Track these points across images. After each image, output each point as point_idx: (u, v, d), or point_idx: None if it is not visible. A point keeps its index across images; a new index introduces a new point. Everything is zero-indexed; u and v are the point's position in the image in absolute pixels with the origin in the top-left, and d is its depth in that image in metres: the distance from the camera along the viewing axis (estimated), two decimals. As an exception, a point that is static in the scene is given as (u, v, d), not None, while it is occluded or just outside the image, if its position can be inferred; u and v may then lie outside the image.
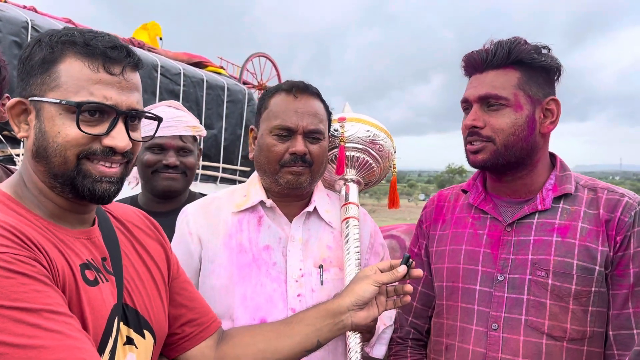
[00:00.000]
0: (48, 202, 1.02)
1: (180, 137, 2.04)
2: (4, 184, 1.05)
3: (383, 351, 1.61)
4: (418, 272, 1.30)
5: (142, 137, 1.08)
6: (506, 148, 1.38)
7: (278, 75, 9.30)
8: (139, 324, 1.11)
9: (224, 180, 6.51)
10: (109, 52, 0.98)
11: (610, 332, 1.33)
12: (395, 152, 1.77)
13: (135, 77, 1.03)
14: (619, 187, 1.43)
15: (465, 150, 1.46)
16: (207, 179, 6.35)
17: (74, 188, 0.99)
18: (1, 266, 0.83)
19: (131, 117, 1.02)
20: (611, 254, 1.32)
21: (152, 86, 5.50)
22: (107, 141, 0.99)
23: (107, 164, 1.01)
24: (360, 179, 1.73)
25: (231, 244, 1.56)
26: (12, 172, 1.82)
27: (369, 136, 1.69)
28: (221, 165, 6.42)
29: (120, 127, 1.00)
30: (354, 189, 1.69)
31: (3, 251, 0.84)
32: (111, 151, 1.00)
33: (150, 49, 6.23)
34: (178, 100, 5.72)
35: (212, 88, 6.29)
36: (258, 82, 8.81)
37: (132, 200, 2.13)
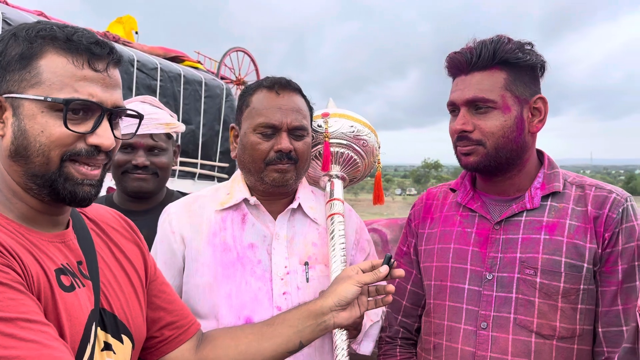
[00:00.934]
0: (20, 204, 0.98)
1: (151, 136, 1.96)
2: None
3: (370, 348, 1.60)
4: (400, 272, 1.30)
5: (122, 135, 1.05)
6: (497, 150, 1.37)
7: (256, 70, 9.22)
8: (117, 328, 1.07)
9: (202, 177, 6.43)
10: (93, 48, 0.94)
11: (600, 329, 1.33)
12: (379, 148, 1.76)
13: (118, 74, 1.01)
14: (607, 183, 1.43)
15: (456, 152, 1.45)
16: (184, 175, 6.27)
17: (54, 190, 0.95)
18: None
19: (114, 115, 0.99)
20: (599, 250, 1.32)
21: (129, 81, 5.40)
22: (93, 139, 0.95)
23: (90, 166, 0.97)
24: (345, 175, 1.72)
25: (215, 242, 1.54)
26: None
27: (353, 132, 1.69)
28: (199, 161, 6.35)
29: (105, 124, 0.97)
30: (338, 185, 1.69)
31: None
32: (96, 151, 0.97)
33: (125, 43, 6.11)
34: (155, 95, 5.63)
35: (190, 83, 6.20)
36: (236, 77, 8.72)
37: (107, 199, 2.06)
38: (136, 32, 7.11)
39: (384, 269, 1.27)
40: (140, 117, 1.08)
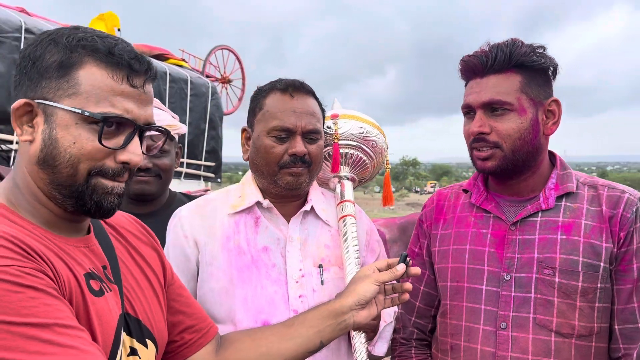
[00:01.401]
0: (44, 210, 0.97)
1: (152, 138, 1.95)
2: None
3: (385, 349, 1.61)
4: (416, 269, 1.31)
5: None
6: (514, 153, 1.38)
7: (241, 68, 9.15)
8: (142, 333, 1.07)
9: (188, 176, 6.38)
10: (133, 64, 0.94)
11: (616, 327, 1.35)
12: (387, 148, 1.77)
13: (152, 90, 1.00)
14: (617, 183, 1.46)
15: (472, 156, 1.45)
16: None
17: (80, 201, 0.94)
18: (8, 280, 0.77)
19: (144, 131, 0.99)
20: (615, 249, 1.35)
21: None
22: (124, 156, 0.95)
23: (116, 182, 0.97)
24: (355, 176, 1.73)
25: (229, 246, 1.53)
26: None
27: (363, 133, 1.69)
28: (185, 160, 6.29)
29: (136, 141, 0.96)
30: (349, 186, 1.69)
31: (8, 264, 0.79)
32: (122, 170, 0.96)
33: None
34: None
35: (175, 81, 6.13)
36: (221, 75, 8.65)
37: None
38: (119, 29, 6.99)
39: (401, 267, 1.28)
40: (167, 133, 1.08)
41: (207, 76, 7.76)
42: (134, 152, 0.96)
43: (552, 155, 1.51)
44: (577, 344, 1.34)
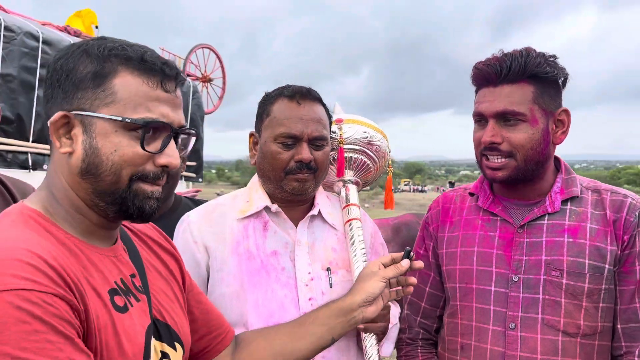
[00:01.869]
0: (82, 219, 0.97)
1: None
2: (31, 200, 0.98)
3: (391, 349, 1.64)
4: (419, 263, 1.35)
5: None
6: (526, 163, 1.42)
7: (222, 67, 9.08)
8: (171, 337, 1.09)
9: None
10: (165, 69, 0.96)
11: (619, 326, 1.41)
12: (390, 152, 1.81)
13: (181, 94, 1.03)
14: (619, 187, 1.52)
15: (482, 164, 1.49)
16: None
17: (123, 207, 0.96)
18: (20, 307, 0.75)
19: (178, 135, 1.01)
20: (619, 252, 1.41)
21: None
22: (162, 159, 0.96)
23: (156, 186, 0.98)
24: (359, 180, 1.76)
25: (239, 251, 1.55)
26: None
27: (367, 137, 1.72)
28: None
29: (172, 144, 0.98)
30: (353, 190, 1.72)
31: (30, 288, 0.77)
32: (162, 173, 0.98)
33: (85, 38, 5.90)
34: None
35: (155, 80, 6.07)
36: (202, 74, 8.58)
37: None
38: (96, 27, 6.88)
39: (406, 263, 1.32)
40: (196, 135, 1.09)
41: (188, 75, 7.69)
42: (172, 155, 0.98)
43: (556, 160, 1.55)
44: (582, 343, 1.40)
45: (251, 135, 1.65)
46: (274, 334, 1.32)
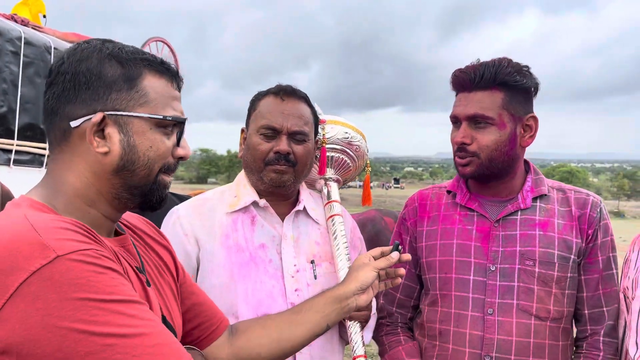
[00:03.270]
0: (94, 212, 1.01)
1: None
2: (32, 195, 1.00)
3: (370, 337, 1.76)
4: (407, 256, 1.46)
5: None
6: (490, 161, 1.56)
7: (176, 61, 8.90)
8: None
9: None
10: (173, 71, 1.05)
11: (586, 311, 1.59)
12: (368, 152, 1.92)
13: None
14: (580, 187, 1.71)
15: (455, 162, 1.63)
16: None
17: (148, 197, 1.03)
18: (91, 262, 0.83)
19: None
20: (583, 245, 1.58)
21: (46, 69, 5.05)
22: (180, 151, 1.05)
23: (171, 176, 1.07)
24: (340, 178, 1.86)
25: (229, 244, 1.61)
26: None
27: (347, 138, 1.82)
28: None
29: (184, 138, 1.07)
30: (334, 187, 1.82)
31: (87, 247, 0.85)
32: (177, 163, 1.06)
33: (35, 28, 5.66)
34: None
35: (109, 73, 5.91)
36: (155, 68, 8.35)
37: None
38: (44, 16, 6.60)
39: (395, 255, 1.43)
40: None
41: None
42: (186, 147, 1.07)
43: (526, 163, 1.72)
44: (551, 326, 1.56)
45: (242, 131, 1.75)
46: (271, 321, 1.38)
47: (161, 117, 1.00)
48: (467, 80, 1.57)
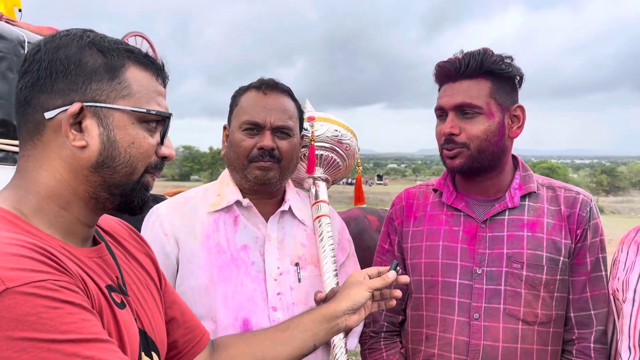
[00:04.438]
0: (68, 216, 0.92)
1: None
2: (0, 198, 0.90)
3: (355, 343, 1.69)
4: (404, 278, 1.35)
5: None
6: (479, 152, 1.50)
7: (155, 56, 8.72)
8: (148, 345, 1.04)
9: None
10: (158, 65, 0.98)
11: (572, 314, 1.53)
12: (359, 150, 1.84)
13: None
14: (571, 185, 1.64)
15: (442, 155, 1.56)
16: None
17: (129, 198, 0.95)
18: (46, 295, 0.74)
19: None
20: (572, 245, 1.52)
21: (19, 64, 4.87)
22: (164, 151, 0.98)
23: (155, 176, 0.99)
24: (329, 177, 1.78)
25: (209, 244, 1.54)
26: None
27: (337, 136, 1.75)
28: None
29: (167, 137, 0.99)
30: (323, 187, 1.74)
31: (44, 278, 0.75)
32: (162, 163, 0.98)
33: (9, 21, 5.48)
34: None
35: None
36: (135, 63, 8.18)
37: None
38: (19, 10, 6.41)
39: (392, 275, 1.32)
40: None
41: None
42: (170, 147, 0.99)
43: (514, 158, 1.65)
44: (539, 330, 1.50)
45: (224, 128, 1.66)
46: (255, 338, 1.29)
47: (144, 110, 0.92)
48: (452, 70, 1.51)
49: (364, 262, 1.79)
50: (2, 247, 0.77)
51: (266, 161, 1.54)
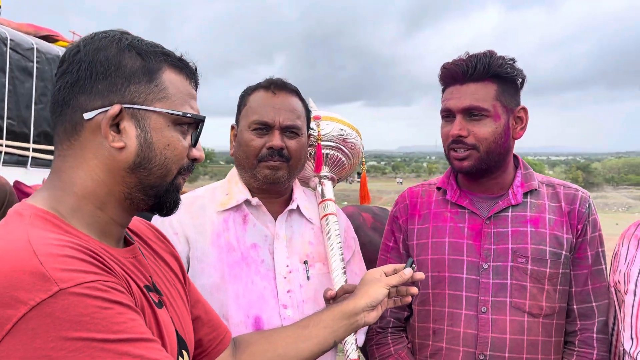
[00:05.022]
0: (104, 217, 0.93)
1: None
2: (36, 201, 0.91)
3: (363, 339, 1.72)
4: (420, 275, 1.38)
5: None
6: (488, 154, 1.54)
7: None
8: (179, 344, 1.05)
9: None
10: (192, 68, 0.99)
11: (575, 306, 1.58)
12: (363, 149, 1.86)
13: None
14: (569, 182, 1.70)
15: (449, 156, 1.59)
16: (48, 164, 5.76)
17: (162, 199, 0.97)
18: (97, 296, 0.75)
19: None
20: (574, 240, 1.57)
21: (1, 62, 4.78)
22: (195, 153, 0.98)
23: (185, 177, 1.00)
24: (334, 176, 1.79)
25: (220, 243, 1.55)
26: None
27: (343, 135, 1.77)
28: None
29: (198, 140, 1.00)
30: (329, 185, 1.76)
31: (93, 279, 0.77)
32: (192, 166, 1.00)
33: (-10, 18, 5.37)
34: (31, 78, 5.06)
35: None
36: (118, 61, 8.06)
37: None
38: (-1, 6, 6.27)
39: (408, 272, 1.35)
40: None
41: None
42: (200, 149, 1.00)
43: (515, 157, 1.69)
44: (544, 322, 1.55)
45: (232, 127, 1.67)
46: (277, 335, 1.31)
47: (181, 113, 0.93)
48: (459, 73, 1.54)
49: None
50: (50, 248, 0.77)
51: (275, 160, 1.55)
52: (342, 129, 1.76)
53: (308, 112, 1.68)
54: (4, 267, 0.73)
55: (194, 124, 0.98)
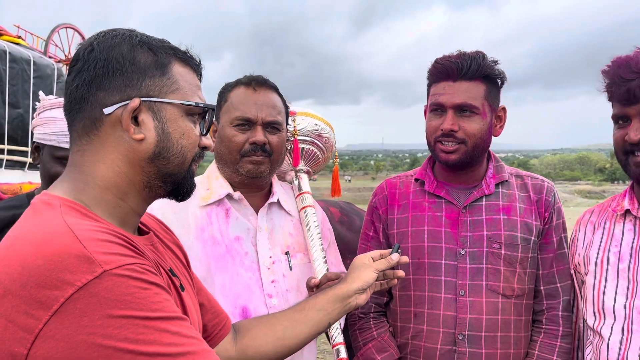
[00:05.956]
0: (125, 206, 0.97)
1: None
2: (60, 191, 0.93)
3: (343, 323, 1.79)
4: (405, 259, 1.48)
5: None
6: (474, 149, 1.65)
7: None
8: None
9: (32, 167, 5.74)
10: (196, 61, 1.04)
11: (542, 287, 1.71)
12: (336, 143, 1.93)
13: None
14: (535, 173, 1.84)
15: (436, 148, 1.68)
16: (13, 165, 5.54)
17: (180, 186, 1.01)
18: (136, 277, 0.80)
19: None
20: (541, 226, 1.70)
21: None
22: (205, 141, 1.03)
23: (196, 164, 1.05)
24: (310, 169, 1.86)
25: (204, 237, 1.58)
26: None
27: (317, 130, 1.83)
28: (30, 149, 5.65)
29: (210, 129, 1.05)
30: (305, 179, 1.82)
31: (132, 262, 0.81)
32: (204, 152, 1.05)
33: None
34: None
35: (16, 61, 5.48)
36: (65, 55, 7.81)
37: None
38: None
39: (396, 257, 1.45)
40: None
41: (50, 57, 6.99)
42: (209, 138, 1.05)
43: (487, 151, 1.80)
44: (515, 303, 1.67)
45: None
46: (275, 319, 1.38)
47: (193, 104, 0.98)
48: (454, 70, 1.62)
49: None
50: (90, 233, 0.81)
51: (258, 155, 1.60)
52: (316, 124, 1.83)
53: (286, 107, 1.73)
54: (48, 251, 0.76)
55: (202, 113, 1.03)
